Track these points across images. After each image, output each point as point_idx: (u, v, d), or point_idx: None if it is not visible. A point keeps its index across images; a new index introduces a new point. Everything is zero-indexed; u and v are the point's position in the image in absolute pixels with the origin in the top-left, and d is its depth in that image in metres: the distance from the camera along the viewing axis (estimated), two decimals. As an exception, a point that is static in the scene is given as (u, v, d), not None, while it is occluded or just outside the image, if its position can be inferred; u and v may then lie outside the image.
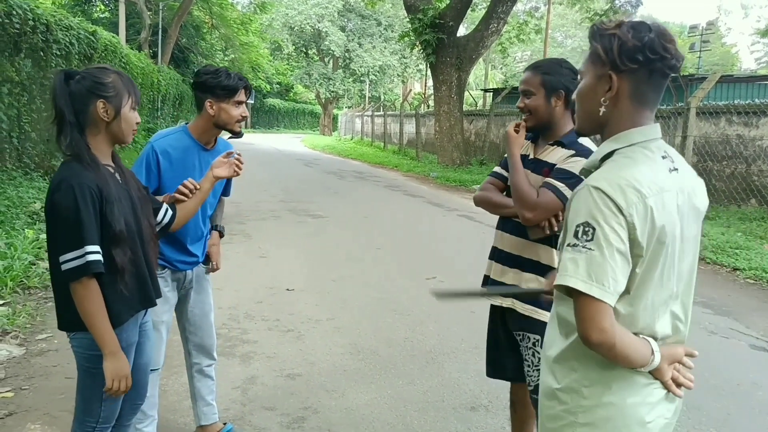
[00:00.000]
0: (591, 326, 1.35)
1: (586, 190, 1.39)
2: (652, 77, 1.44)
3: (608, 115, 1.49)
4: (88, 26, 12.63)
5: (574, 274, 1.35)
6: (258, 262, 6.57)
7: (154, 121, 22.93)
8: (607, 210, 1.35)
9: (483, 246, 7.87)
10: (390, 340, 4.48)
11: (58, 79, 1.96)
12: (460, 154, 17.58)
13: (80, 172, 1.92)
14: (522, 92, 2.47)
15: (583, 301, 1.35)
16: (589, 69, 1.52)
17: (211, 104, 2.62)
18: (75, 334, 2.02)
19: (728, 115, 10.20)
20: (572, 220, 1.40)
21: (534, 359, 2.44)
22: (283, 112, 58.51)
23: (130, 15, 28.41)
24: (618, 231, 1.35)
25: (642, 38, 1.41)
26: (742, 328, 4.99)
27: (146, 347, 2.28)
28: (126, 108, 2.02)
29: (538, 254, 2.42)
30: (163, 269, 2.69)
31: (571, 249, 1.37)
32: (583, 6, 24.09)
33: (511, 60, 48.26)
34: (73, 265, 1.88)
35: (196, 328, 2.89)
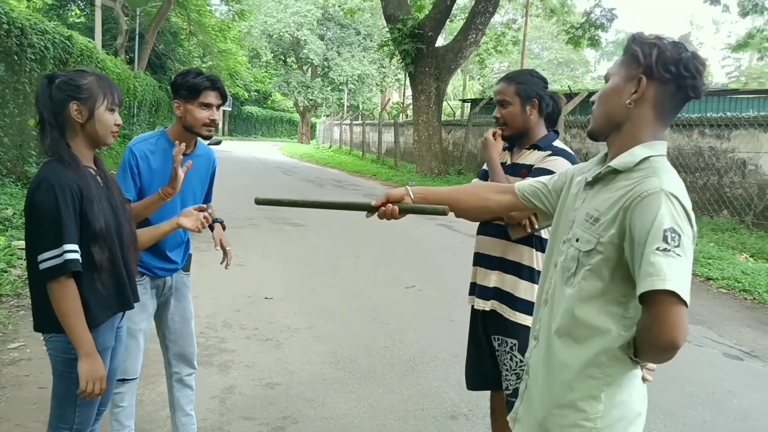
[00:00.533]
0: (680, 332, 1.34)
1: (664, 195, 1.40)
2: (678, 94, 1.51)
3: (627, 119, 1.55)
4: (64, 31, 12.46)
5: (672, 278, 1.34)
6: (236, 270, 6.51)
7: (130, 128, 22.67)
8: (685, 219, 1.40)
9: (462, 254, 7.91)
10: (370, 348, 4.47)
11: (42, 83, 2.00)
12: (438, 163, 17.67)
13: (61, 172, 1.93)
14: (498, 103, 2.55)
15: (674, 306, 1.34)
16: (620, 71, 1.57)
17: (178, 105, 2.59)
18: (51, 337, 2.00)
19: (701, 128, 10.39)
20: (657, 224, 1.38)
21: (511, 363, 2.48)
22: (260, 119, 58.25)
23: (107, 20, 28.09)
24: (691, 240, 1.40)
25: (680, 53, 1.48)
26: (715, 336, 5.07)
27: (118, 352, 2.25)
28: (101, 109, 2.02)
29: (520, 255, 2.46)
30: (141, 276, 2.64)
31: (663, 254, 1.36)
32: (560, 19, 24.45)
33: (488, 71, 48.62)
34: (51, 264, 1.88)
35: (176, 337, 2.84)
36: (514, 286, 2.46)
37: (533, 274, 2.44)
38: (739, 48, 22.12)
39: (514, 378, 2.47)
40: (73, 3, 31.02)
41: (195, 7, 32.72)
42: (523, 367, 2.44)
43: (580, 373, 1.53)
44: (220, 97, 2.63)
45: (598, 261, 1.51)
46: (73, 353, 1.95)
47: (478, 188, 2.05)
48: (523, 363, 2.42)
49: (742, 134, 9.73)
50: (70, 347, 1.96)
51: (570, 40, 21.10)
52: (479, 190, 2.03)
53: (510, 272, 2.48)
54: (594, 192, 1.60)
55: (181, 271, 2.82)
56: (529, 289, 2.44)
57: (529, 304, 2.42)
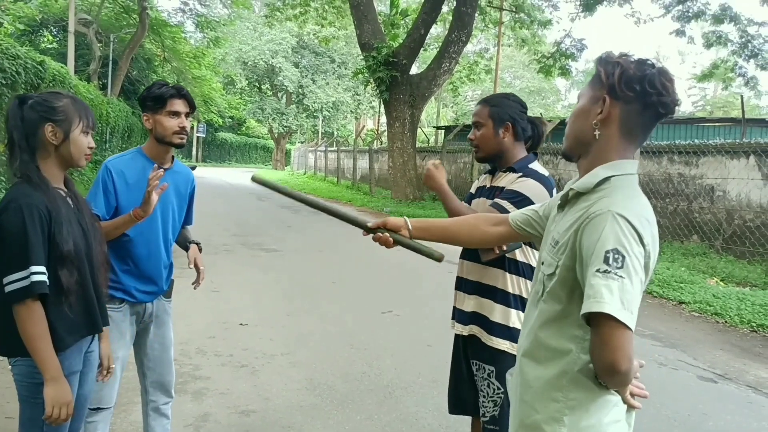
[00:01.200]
0: (622, 355, 1.31)
1: (611, 216, 1.39)
2: (645, 112, 1.48)
3: (594, 139, 1.54)
4: (36, 56, 12.36)
5: (610, 301, 1.31)
6: (210, 296, 6.43)
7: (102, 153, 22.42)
8: (632, 238, 1.36)
9: (438, 279, 7.90)
10: (347, 374, 4.42)
11: (12, 104, 1.99)
12: (413, 189, 17.76)
13: (29, 193, 1.91)
14: (473, 124, 2.58)
15: (615, 329, 1.31)
16: (588, 91, 1.57)
17: (147, 118, 2.58)
18: (16, 361, 1.95)
19: (670, 155, 10.62)
20: (599, 245, 1.37)
21: (489, 390, 2.45)
22: (235, 146, 58.11)
23: (80, 46, 27.96)
24: (639, 260, 1.36)
25: (644, 71, 1.46)
26: (689, 359, 5.12)
27: (89, 378, 2.19)
28: (76, 132, 2.02)
29: (495, 279, 2.45)
30: (121, 303, 2.58)
31: (603, 275, 1.34)
32: (531, 48, 24.97)
33: (462, 99, 49.32)
34: (17, 286, 1.84)
35: (155, 364, 2.76)
36: (490, 310, 2.45)
37: (507, 297, 2.43)
38: (704, 78, 22.76)
39: (491, 405, 2.45)
40: (45, 29, 30.81)
41: (169, 34, 32.79)
42: (500, 394, 2.43)
43: (542, 395, 1.52)
44: (188, 105, 2.62)
45: (556, 283, 1.51)
46: (39, 378, 1.91)
47: (474, 219, 2.03)
48: (501, 390, 2.42)
49: (710, 161, 9.97)
50: (36, 372, 1.91)
51: (541, 69, 21.53)
52: (476, 221, 2.02)
53: (486, 296, 2.47)
54: (561, 215, 1.60)
55: (163, 298, 2.76)
56: (503, 312, 2.43)
57: (504, 328, 2.41)
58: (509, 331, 2.41)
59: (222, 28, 37.79)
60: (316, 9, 25.12)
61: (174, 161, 2.75)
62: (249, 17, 44.21)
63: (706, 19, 18.17)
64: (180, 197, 2.77)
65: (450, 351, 2.71)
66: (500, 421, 2.42)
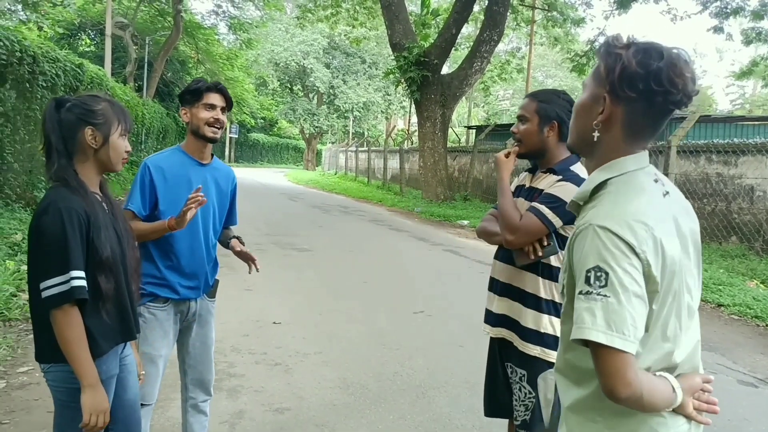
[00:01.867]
0: (617, 381, 1.22)
1: (591, 230, 1.28)
2: (651, 110, 1.33)
3: (599, 140, 1.40)
4: (75, 59, 12.66)
5: (593, 325, 1.22)
6: (244, 294, 6.50)
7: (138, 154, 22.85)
8: (617, 251, 1.24)
9: (469, 280, 7.87)
10: (379, 374, 4.43)
11: (49, 106, 1.97)
12: (444, 189, 17.70)
13: (68, 197, 1.90)
14: (518, 117, 2.48)
15: (605, 354, 1.22)
16: (590, 84, 1.42)
17: (185, 112, 2.66)
18: (50, 367, 1.94)
19: (708, 154, 10.40)
20: (581, 265, 1.28)
21: (520, 393, 2.41)
22: (267, 146, 58.61)
23: (116, 49, 28.52)
24: (632, 273, 1.23)
25: (648, 65, 1.28)
26: (729, 363, 5.01)
27: (130, 382, 2.19)
28: (115, 135, 2.01)
29: (524, 282, 2.39)
30: (165, 301, 2.64)
31: (585, 297, 1.25)
32: (564, 47, 24.67)
33: (493, 98, 48.99)
34: (56, 291, 1.83)
35: (196, 362, 2.81)
36: (519, 313, 2.40)
37: (539, 302, 2.36)
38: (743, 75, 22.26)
39: (522, 409, 2.40)
40: (83, 32, 31.51)
41: (203, 36, 33.22)
42: (532, 398, 2.37)
43: (579, 416, 1.42)
44: (224, 100, 2.67)
45: (566, 303, 1.42)
46: (74, 383, 1.91)
47: None
48: (532, 394, 2.37)
49: (749, 160, 9.73)
50: (71, 377, 1.91)
51: (574, 68, 21.24)
52: None
53: (515, 299, 2.42)
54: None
55: (206, 297, 2.80)
56: (535, 318, 2.36)
57: (536, 334, 2.36)
58: (541, 336, 2.35)
59: (254, 30, 38.15)
60: (347, 10, 25.18)
61: (213, 158, 2.80)
62: (281, 19, 44.53)
63: (745, 15, 17.75)
64: (221, 194, 2.81)
65: (482, 352, 2.69)
66: (531, 426, 2.38)
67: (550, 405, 2.36)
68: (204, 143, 2.69)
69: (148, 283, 2.62)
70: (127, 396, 2.17)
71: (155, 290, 2.61)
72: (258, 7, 36.58)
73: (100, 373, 1.95)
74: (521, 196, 2.47)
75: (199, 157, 2.71)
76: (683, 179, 10.40)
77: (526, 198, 2.44)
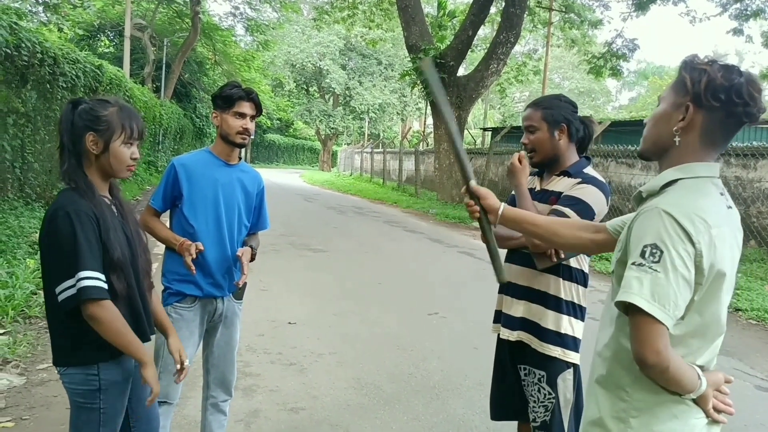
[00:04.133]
0: (647, 347, 1.34)
1: (657, 212, 1.40)
2: (728, 120, 1.46)
3: (674, 145, 1.52)
4: (94, 60, 12.82)
5: (639, 292, 1.34)
6: (259, 294, 6.54)
7: (155, 155, 23.09)
8: (675, 235, 1.36)
9: (483, 282, 7.85)
10: (393, 375, 4.45)
11: (67, 107, 1.99)
12: (459, 191, 17.64)
13: (76, 200, 1.91)
14: (525, 129, 2.49)
15: (643, 320, 1.34)
16: (670, 96, 1.54)
17: (216, 115, 2.72)
18: (66, 370, 1.96)
19: (726, 157, 10.30)
20: (638, 240, 1.40)
21: (539, 395, 2.40)
22: (282, 147, 58.88)
23: (135, 50, 28.80)
24: (684, 258, 1.35)
25: (731, 79, 1.42)
26: (746, 368, 4.97)
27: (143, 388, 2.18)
28: (116, 143, 1.99)
29: (546, 284, 2.40)
30: (193, 301, 2.70)
31: (637, 268, 1.37)
32: (581, 49, 24.56)
33: (509, 100, 48.80)
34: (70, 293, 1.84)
35: (219, 362, 2.86)
36: (541, 316, 2.40)
37: (560, 303, 2.38)
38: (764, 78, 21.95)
39: (542, 410, 2.40)
40: (102, 33, 31.83)
41: (220, 37, 33.46)
42: (551, 399, 2.38)
43: (608, 392, 1.53)
44: (255, 108, 2.73)
45: (614, 279, 1.53)
46: (94, 384, 1.93)
47: (570, 224, 1.95)
48: (552, 395, 2.37)
49: (768, 164, 9.63)
50: (87, 379, 1.93)
51: (591, 70, 21.15)
52: (573, 225, 1.93)
53: (536, 302, 2.42)
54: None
55: (233, 299, 2.85)
56: (555, 319, 2.38)
57: (556, 335, 2.37)
58: (561, 337, 2.37)
59: (271, 32, 38.35)
60: (363, 11, 25.25)
61: (240, 160, 2.86)
62: (297, 20, 44.74)
63: (765, 17, 17.57)
64: (247, 195, 2.85)
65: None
66: (552, 427, 2.38)
67: (569, 405, 2.37)
68: (232, 147, 2.76)
69: (174, 281, 2.69)
70: (147, 394, 2.20)
71: (181, 287, 2.68)
72: (275, 8, 36.77)
73: (116, 374, 1.98)
74: (533, 199, 2.47)
75: (226, 159, 2.78)
76: (701, 182, 10.30)
77: (539, 201, 2.45)
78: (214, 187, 2.69)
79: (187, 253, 2.56)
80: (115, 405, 2.01)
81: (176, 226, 2.73)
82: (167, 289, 2.71)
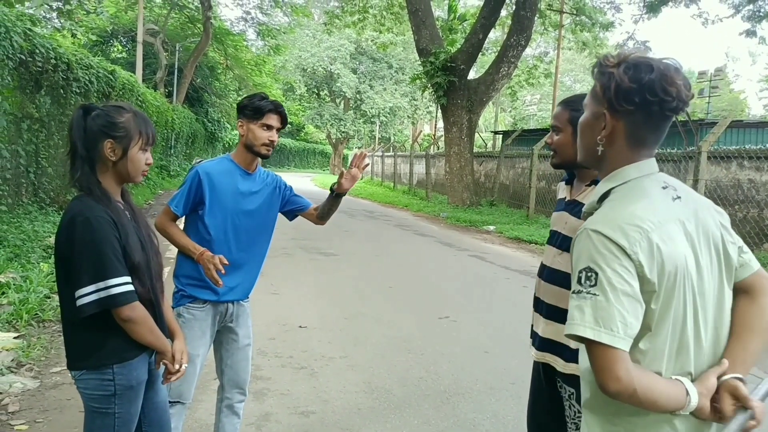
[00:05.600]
0: (606, 375, 1.28)
1: (585, 234, 1.35)
2: (651, 119, 1.39)
3: (605, 153, 1.46)
4: (107, 65, 12.94)
5: (581, 321, 1.29)
6: (270, 298, 6.57)
7: (167, 159, 23.24)
8: (608, 252, 1.30)
9: (494, 286, 7.84)
10: (404, 379, 4.45)
11: (77, 112, 1.99)
12: (470, 194, 17.65)
13: (93, 206, 1.91)
14: (552, 128, 2.38)
15: (595, 349, 1.29)
16: (590, 104, 1.48)
17: (242, 124, 2.75)
18: (81, 374, 1.97)
19: (739, 160, 10.22)
20: (575, 266, 1.35)
21: (570, 412, 2.29)
22: (294, 151, 59.02)
23: (147, 55, 29.02)
24: (621, 273, 1.29)
25: (640, 79, 1.35)
26: (759, 373, 4.90)
27: (159, 385, 2.22)
28: (134, 149, 2.00)
29: None
30: (204, 303, 2.73)
31: (576, 296, 1.32)
32: (592, 51, 24.47)
33: (520, 103, 48.73)
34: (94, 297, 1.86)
35: (233, 362, 2.88)
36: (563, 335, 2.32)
37: None
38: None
39: (573, 428, 2.28)
40: (115, 39, 32.12)
41: (232, 42, 33.66)
42: (581, 417, 2.30)
43: (598, 417, 1.46)
44: (281, 121, 2.78)
45: None
46: (109, 389, 1.95)
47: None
48: (581, 414, 2.30)
49: (782, 166, 9.55)
50: (102, 384, 1.95)
51: (603, 73, 21.03)
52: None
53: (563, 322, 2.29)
54: None
55: (243, 302, 2.89)
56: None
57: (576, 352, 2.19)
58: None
59: (282, 36, 38.53)
60: (374, 15, 25.33)
61: (258, 168, 2.90)
62: (308, 25, 44.93)
63: (778, 18, 17.44)
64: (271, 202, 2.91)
65: (507, 358, 2.65)
66: None
67: None
68: (254, 157, 2.80)
69: (189, 285, 2.72)
70: (159, 399, 2.22)
71: (195, 292, 2.71)
72: (286, 13, 36.97)
73: (131, 379, 1.99)
74: (563, 209, 2.36)
75: (246, 167, 2.81)
76: (714, 185, 10.24)
77: (570, 212, 2.31)
78: (234, 197, 2.74)
79: (211, 266, 2.60)
80: (129, 410, 2.03)
81: (192, 232, 2.75)
82: (180, 291, 2.73)
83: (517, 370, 4.50)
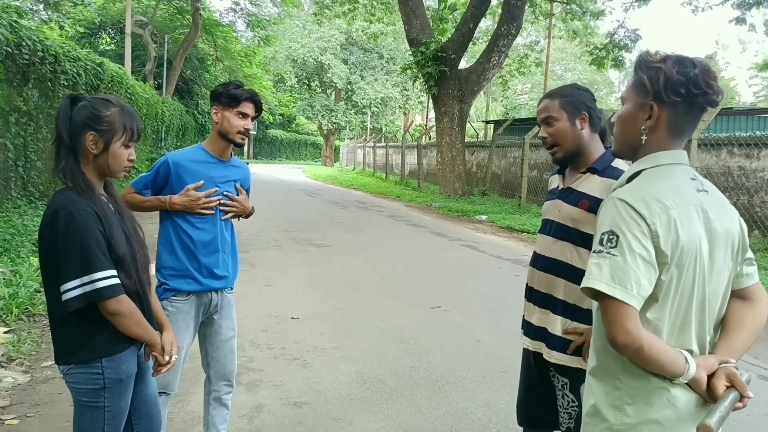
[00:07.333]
0: (616, 328, 1.38)
1: (612, 201, 1.47)
2: (692, 110, 1.52)
3: (644, 142, 1.57)
4: (96, 58, 12.82)
5: (599, 277, 1.41)
6: (262, 290, 6.56)
7: (158, 151, 23.10)
8: (630, 219, 1.42)
9: (486, 275, 7.84)
10: (396, 369, 4.46)
11: (65, 102, 1.97)
12: (462, 184, 17.66)
13: (77, 199, 1.90)
14: (542, 122, 2.30)
15: (608, 303, 1.40)
16: (632, 96, 1.58)
17: (216, 111, 2.75)
18: (69, 369, 1.95)
19: (729, 147, 10.27)
20: (598, 230, 1.47)
21: (563, 401, 2.30)
22: (285, 143, 58.86)
23: (136, 47, 28.80)
24: (641, 239, 1.41)
25: (687, 73, 1.48)
26: (749, 359, 4.96)
27: (149, 377, 2.22)
28: (116, 144, 1.98)
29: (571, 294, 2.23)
30: (188, 295, 2.72)
31: (596, 255, 1.44)
32: (583, 40, 24.46)
33: (511, 92, 48.72)
34: (80, 292, 1.85)
35: (219, 354, 2.88)
36: (553, 324, 2.27)
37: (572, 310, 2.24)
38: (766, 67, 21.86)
39: (566, 417, 2.29)
40: (103, 31, 31.86)
41: (221, 33, 33.47)
42: (575, 407, 2.25)
43: (604, 382, 1.55)
44: (255, 110, 2.79)
45: None
46: (98, 383, 1.94)
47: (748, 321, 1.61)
48: (575, 403, 2.25)
49: (771, 153, 9.59)
50: (91, 378, 1.94)
51: (593, 61, 21.07)
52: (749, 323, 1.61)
53: (559, 312, 2.27)
54: None
55: (227, 291, 2.88)
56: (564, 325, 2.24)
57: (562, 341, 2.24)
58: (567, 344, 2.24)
59: (272, 27, 38.32)
60: (364, 5, 25.17)
61: (232, 157, 2.89)
62: (298, 15, 44.69)
63: (768, 5, 17.47)
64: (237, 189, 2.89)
65: (498, 346, 2.67)
66: None
67: None
68: (228, 145, 2.79)
69: (171, 276, 2.71)
70: (149, 392, 2.22)
71: (178, 284, 2.70)
72: (275, 3, 36.79)
73: (120, 372, 1.98)
74: (557, 197, 2.33)
75: (219, 155, 2.81)
76: (704, 173, 10.28)
77: (564, 200, 2.28)
78: (208, 186, 2.73)
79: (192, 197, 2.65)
80: (119, 403, 2.02)
81: (169, 224, 2.74)
82: (163, 284, 2.72)
83: (509, 359, 4.52)
